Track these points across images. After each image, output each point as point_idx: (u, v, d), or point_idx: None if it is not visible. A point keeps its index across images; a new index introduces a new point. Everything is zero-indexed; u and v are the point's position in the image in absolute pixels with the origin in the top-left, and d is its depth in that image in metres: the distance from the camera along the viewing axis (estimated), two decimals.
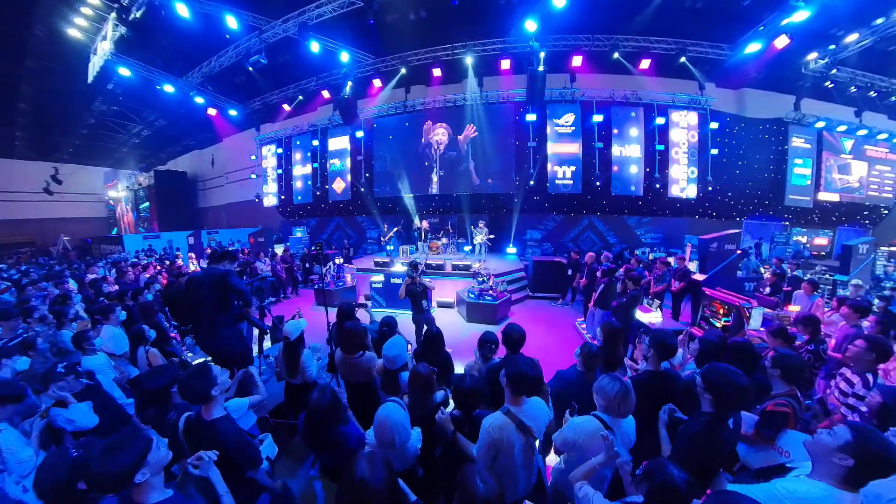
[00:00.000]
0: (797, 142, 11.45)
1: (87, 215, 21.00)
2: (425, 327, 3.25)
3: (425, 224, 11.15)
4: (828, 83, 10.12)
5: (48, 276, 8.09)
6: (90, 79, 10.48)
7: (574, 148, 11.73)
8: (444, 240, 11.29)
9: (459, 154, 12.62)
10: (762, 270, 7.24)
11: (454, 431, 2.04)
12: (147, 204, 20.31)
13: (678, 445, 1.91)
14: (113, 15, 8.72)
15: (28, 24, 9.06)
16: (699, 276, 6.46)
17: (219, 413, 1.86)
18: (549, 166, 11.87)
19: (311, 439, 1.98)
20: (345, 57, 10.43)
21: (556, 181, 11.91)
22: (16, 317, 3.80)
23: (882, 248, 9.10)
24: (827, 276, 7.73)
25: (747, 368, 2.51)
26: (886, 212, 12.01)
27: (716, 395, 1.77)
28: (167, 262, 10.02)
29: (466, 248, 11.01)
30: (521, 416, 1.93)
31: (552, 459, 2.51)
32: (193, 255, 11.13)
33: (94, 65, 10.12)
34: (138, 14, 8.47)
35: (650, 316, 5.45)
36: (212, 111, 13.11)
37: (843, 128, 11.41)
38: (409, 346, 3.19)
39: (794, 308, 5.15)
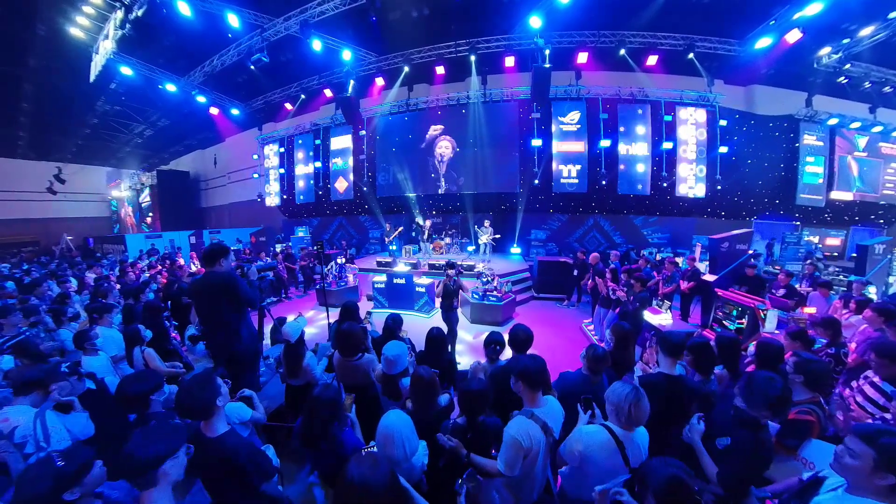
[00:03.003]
0: (809, 139, 11.19)
1: (90, 215, 21.11)
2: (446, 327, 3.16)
3: (427, 223, 11.04)
4: (841, 79, 9.84)
5: (50, 274, 8.07)
6: (92, 78, 10.48)
7: (579, 146, 11.56)
8: (448, 239, 11.17)
9: (462, 175, 12.49)
10: (775, 269, 7.05)
11: (468, 454, 1.89)
12: (149, 203, 20.37)
13: (732, 464, 1.71)
14: (115, 14, 8.69)
15: (30, 23, 9.03)
16: (709, 277, 6.30)
17: (223, 428, 1.74)
18: (553, 165, 11.71)
19: (308, 434, 1.87)
20: (347, 55, 10.33)
21: (562, 180, 11.74)
22: (15, 312, 3.75)
23: None
24: (840, 277, 7.51)
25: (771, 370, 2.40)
26: None
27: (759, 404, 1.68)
28: (168, 262, 9.97)
29: (470, 248, 10.88)
30: (545, 418, 1.85)
31: None
32: (195, 255, 11.09)
33: (97, 64, 10.11)
34: (140, 13, 8.41)
35: (660, 318, 5.32)
36: (214, 110, 13.09)
37: (856, 124, 11.13)
38: (412, 352, 3.07)
39: (809, 310, 4.98)
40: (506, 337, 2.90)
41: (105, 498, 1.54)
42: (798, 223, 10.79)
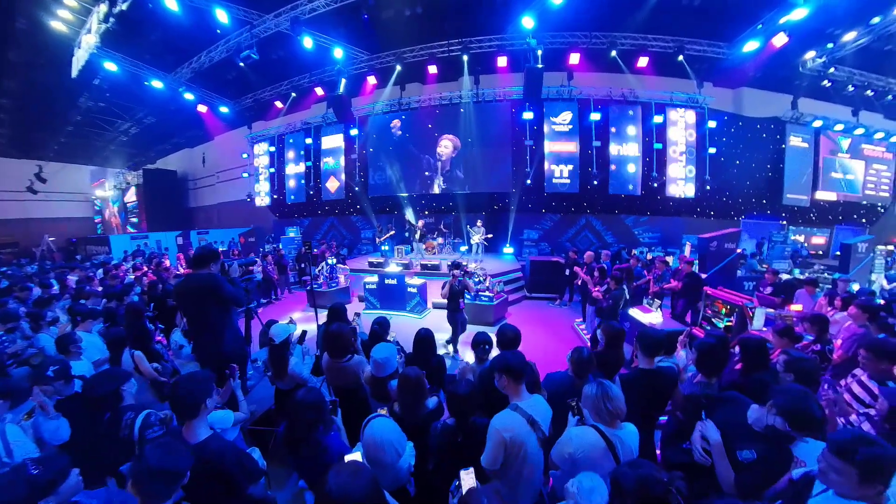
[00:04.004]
0: (795, 141, 11.45)
1: (72, 215, 20.48)
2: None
3: (420, 223, 10.99)
4: (825, 82, 10.10)
5: (26, 277, 7.84)
6: (74, 73, 10.17)
7: (571, 147, 11.63)
8: (440, 239, 11.13)
9: (463, 175, 12.42)
10: (762, 268, 7.18)
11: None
12: (135, 202, 19.91)
13: (754, 475, 1.66)
14: (99, 8, 8.45)
15: (10, 16, 8.74)
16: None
17: (205, 433, 1.70)
18: (546, 165, 11.76)
19: (291, 438, 1.82)
20: (338, 53, 10.22)
21: (554, 180, 11.80)
22: None
23: (879, 246, 9.09)
24: (826, 274, 7.68)
25: (757, 367, 2.39)
26: (883, 210, 12.07)
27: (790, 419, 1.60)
28: (154, 263, 9.74)
29: (462, 248, 10.85)
30: (531, 412, 1.82)
31: None
32: (182, 256, 10.85)
33: (79, 59, 9.81)
34: (124, 6, 8.17)
35: (651, 316, 5.35)
36: (202, 108, 12.83)
37: (840, 127, 11.44)
38: (401, 354, 3.03)
39: (796, 307, 5.06)
40: (493, 337, 2.88)
41: None
42: (784, 222, 11.03)
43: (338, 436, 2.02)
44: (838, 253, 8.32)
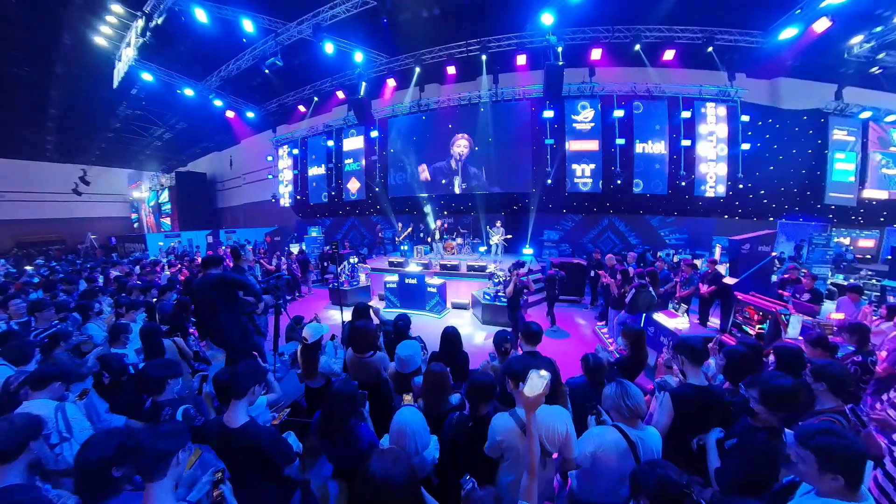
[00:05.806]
0: (839, 134, 10.58)
1: (112, 215, 22.02)
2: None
3: (439, 223, 11.03)
4: (874, 69, 9.29)
5: (78, 271, 8.45)
6: (115, 84, 10.84)
7: (594, 145, 11.32)
8: (459, 240, 11.13)
9: (480, 171, 12.38)
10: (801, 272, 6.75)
11: None
12: (168, 203, 21.05)
13: (730, 462, 1.73)
14: (136, 23, 8.97)
15: (56, 32, 9.42)
16: (730, 280, 6.07)
17: (244, 418, 1.83)
18: (567, 164, 11.51)
19: (326, 427, 1.92)
20: (359, 57, 10.40)
21: (575, 180, 11.53)
22: (49, 307, 3.96)
23: None
24: (873, 281, 7.12)
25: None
26: None
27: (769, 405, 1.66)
28: (186, 260, 10.29)
29: (482, 249, 10.81)
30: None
31: None
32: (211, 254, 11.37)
33: (119, 71, 10.46)
34: (159, 21, 8.65)
35: (677, 321, 5.18)
36: (230, 113, 13.40)
37: (892, 118, 10.45)
38: (425, 351, 3.10)
39: (837, 316, 4.75)
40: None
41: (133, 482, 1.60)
42: (828, 224, 10.24)
43: (367, 426, 2.10)
44: (889, 257, 7.69)
